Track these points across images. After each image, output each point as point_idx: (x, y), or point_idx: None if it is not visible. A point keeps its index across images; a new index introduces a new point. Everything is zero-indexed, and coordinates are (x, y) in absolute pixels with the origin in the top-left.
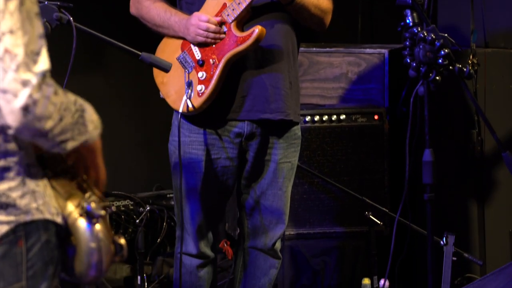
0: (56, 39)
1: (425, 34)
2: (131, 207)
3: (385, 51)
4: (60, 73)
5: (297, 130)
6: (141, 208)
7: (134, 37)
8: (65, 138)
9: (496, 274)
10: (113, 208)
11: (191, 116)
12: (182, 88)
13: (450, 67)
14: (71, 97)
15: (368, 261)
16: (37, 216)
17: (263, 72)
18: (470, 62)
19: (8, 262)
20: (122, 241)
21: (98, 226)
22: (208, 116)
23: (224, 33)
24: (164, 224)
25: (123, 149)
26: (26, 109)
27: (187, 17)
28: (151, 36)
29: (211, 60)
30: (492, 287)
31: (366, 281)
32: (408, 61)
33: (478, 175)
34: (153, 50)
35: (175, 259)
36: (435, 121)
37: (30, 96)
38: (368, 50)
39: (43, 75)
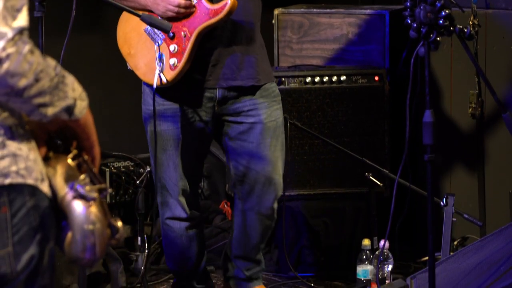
0: (56, 0)
1: None
2: (131, 168)
3: (385, 12)
4: (60, 34)
5: (274, 87)
6: (141, 169)
7: None
8: (44, 101)
9: (495, 235)
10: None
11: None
12: (152, 60)
13: (451, 28)
14: (51, 62)
15: (368, 222)
16: (17, 180)
17: (234, 41)
18: (471, 23)
19: None
20: (119, 223)
21: (93, 209)
22: (179, 84)
23: (194, 6)
24: None
25: (123, 110)
26: None
27: None
28: None
29: (182, 32)
30: (492, 248)
31: (366, 242)
32: (409, 22)
33: (478, 136)
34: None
35: (162, 226)
36: (435, 82)
37: (4, 49)
38: (368, 11)
39: (20, 31)
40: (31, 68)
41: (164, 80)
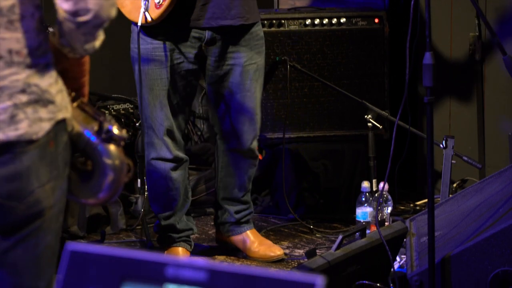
0: None
1: None
2: (131, 110)
3: None
4: None
5: (259, 31)
6: None
7: None
8: (99, 34)
9: (495, 177)
10: (114, 112)
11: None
12: None
13: None
14: None
15: (367, 165)
16: (64, 114)
17: None
18: None
19: (43, 162)
20: (130, 162)
21: (118, 147)
22: (169, 23)
23: None
24: None
25: (122, 52)
26: None
27: None
28: None
29: None
30: (491, 190)
31: (365, 184)
32: None
33: (478, 78)
34: None
35: (147, 166)
36: (435, 24)
37: None
38: None
39: None
40: None
41: (149, 19)
